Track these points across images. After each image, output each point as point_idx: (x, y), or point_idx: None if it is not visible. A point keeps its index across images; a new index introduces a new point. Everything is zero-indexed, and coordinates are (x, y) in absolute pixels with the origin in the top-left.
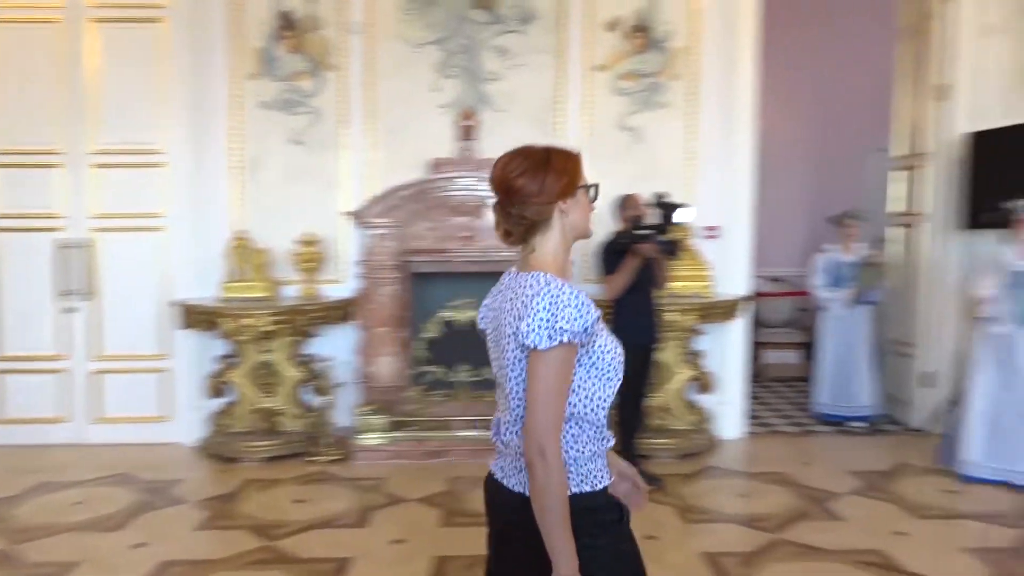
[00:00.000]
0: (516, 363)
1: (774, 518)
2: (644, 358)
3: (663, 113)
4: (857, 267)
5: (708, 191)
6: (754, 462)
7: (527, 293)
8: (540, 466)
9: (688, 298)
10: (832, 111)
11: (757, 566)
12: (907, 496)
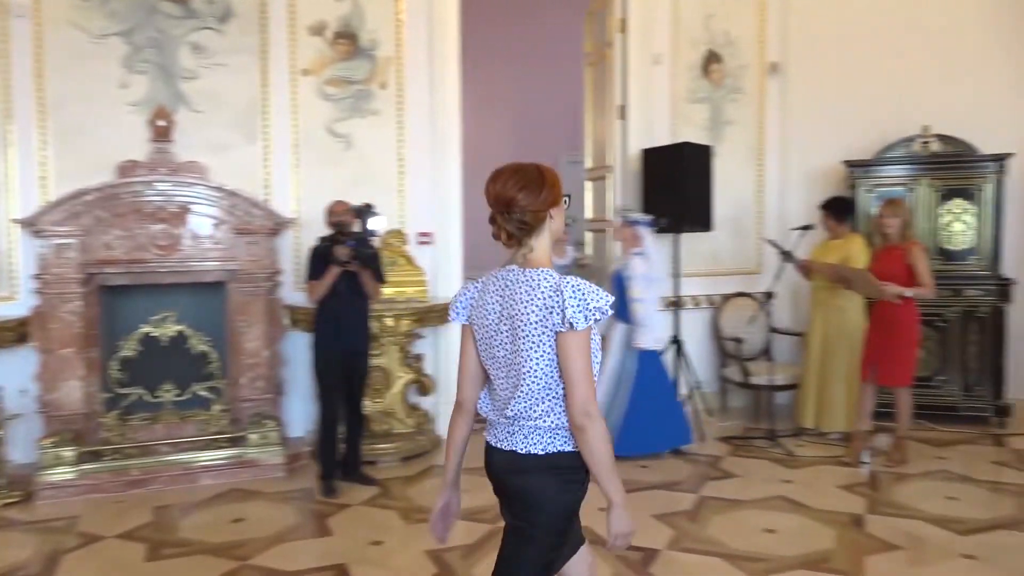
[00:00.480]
0: (538, 346)
1: (491, 509)
2: (353, 365)
3: (373, 120)
4: (566, 270)
5: (420, 197)
6: (473, 458)
7: (545, 286)
8: (590, 426)
9: (404, 303)
10: (531, 123)
11: (478, 556)
12: None
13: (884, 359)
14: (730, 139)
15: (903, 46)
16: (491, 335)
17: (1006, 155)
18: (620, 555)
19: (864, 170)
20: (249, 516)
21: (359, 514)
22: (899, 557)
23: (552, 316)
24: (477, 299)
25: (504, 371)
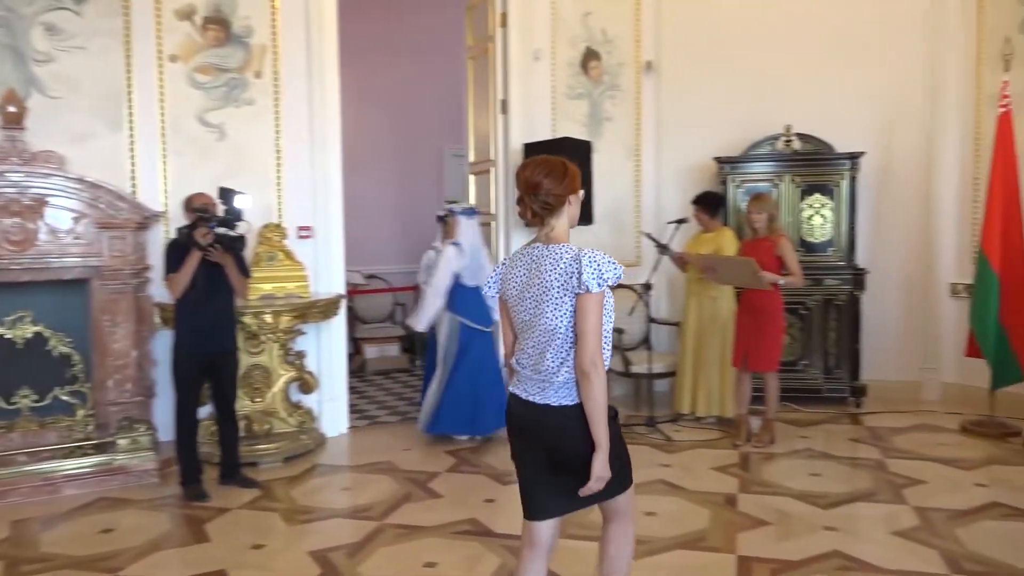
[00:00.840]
0: (560, 307)
1: (379, 506)
2: (218, 365)
3: (249, 110)
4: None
5: (299, 191)
6: (359, 455)
7: (567, 257)
8: (593, 374)
9: (284, 299)
10: (413, 116)
11: (364, 554)
12: (494, 465)
13: (753, 346)
14: (609, 135)
15: (767, 49)
16: (517, 303)
17: (859, 154)
18: (507, 545)
19: (733, 166)
20: (119, 526)
21: (239, 518)
22: (768, 532)
23: (571, 280)
24: (505, 274)
25: (529, 332)
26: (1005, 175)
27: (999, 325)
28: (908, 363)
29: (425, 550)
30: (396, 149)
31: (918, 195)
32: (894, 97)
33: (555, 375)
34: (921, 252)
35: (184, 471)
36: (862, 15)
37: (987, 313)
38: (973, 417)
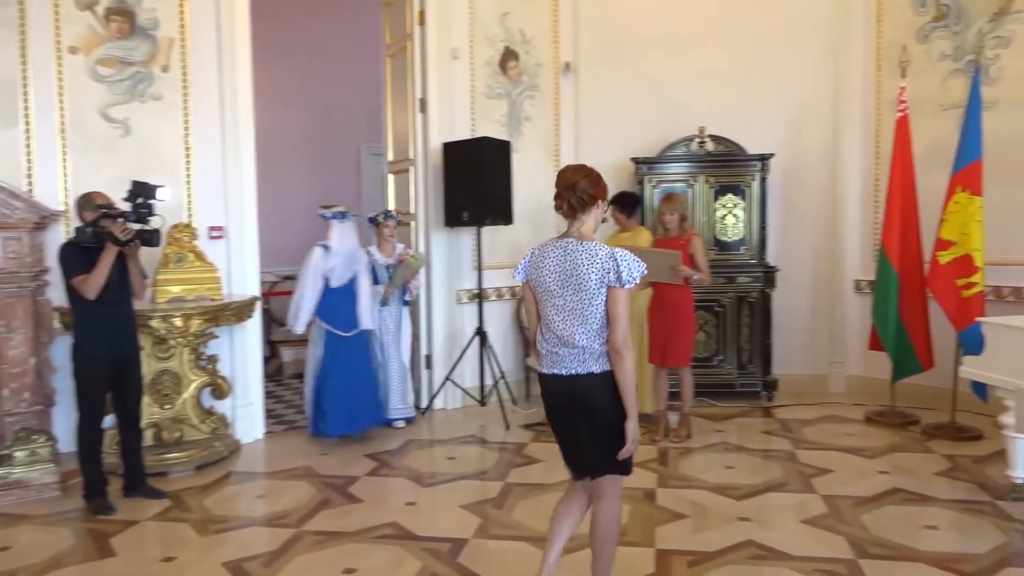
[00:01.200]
0: (597, 296)
1: (296, 512)
2: (123, 370)
3: (156, 106)
4: (393, 268)
5: (210, 189)
6: (276, 461)
7: (602, 254)
8: (625, 353)
9: (194, 302)
10: (330, 114)
11: (280, 563)
12: (415, 468)
13: (669, 342)
14: (528, 135)
15: (682, 52)
16: (553, 289)
17: (769, 155)
18: (428, 548)
19: (650, 167)
20: (17, 542)
21: (147, 530)
22: (686, 525)
23: (608, 275)
24: (535, 263)
25: (564, 314)
26: (903, 176)
27: (899, 320)
28: (817, 357)
29: (344, 556)
30: (313, 147)
31: (824, 195)
32: (801, 101)
33: (591, 349)
34: (828, 250)
35: (88, 483)
36: (771, 22)
37: (888, 308)
38: (876, 408)
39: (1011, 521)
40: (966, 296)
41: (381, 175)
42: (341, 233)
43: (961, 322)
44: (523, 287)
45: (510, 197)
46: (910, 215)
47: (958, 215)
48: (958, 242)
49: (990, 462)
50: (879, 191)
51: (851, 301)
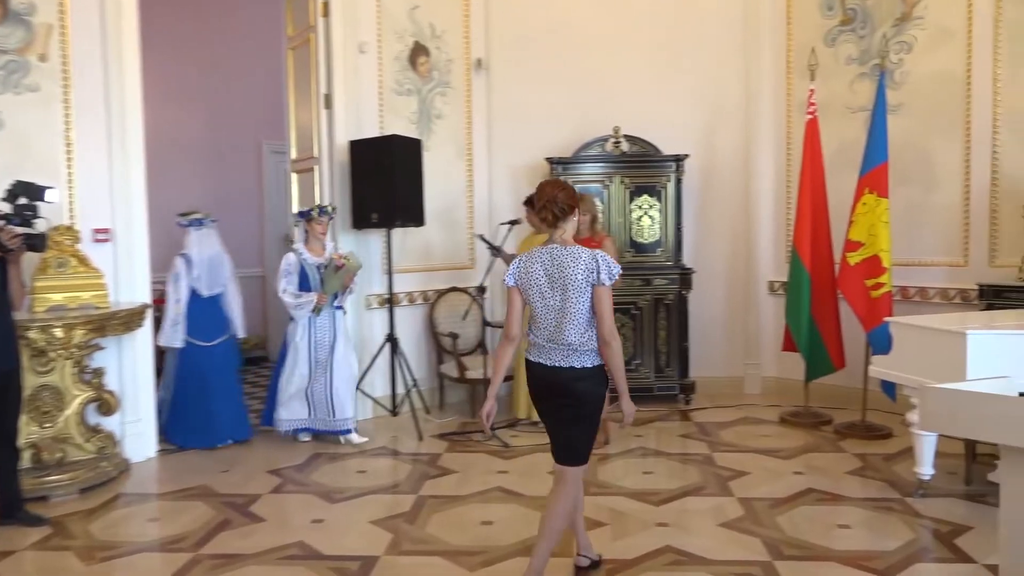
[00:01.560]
0: (584, 293)
1: (193, 535)
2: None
3: (33, 98)
4: (324, 270)
5: (95, 189)
6: (170, 480)
7: (585, 256)
8: (613, 342)
9: (77, 310)
10: (229, 109)
11: None
12: (323, 483)
13: None
14: (440, 133)
15: (597, 50)
16: (544, 291)
17: (683, 156)
18: (336, 567)
19: (565, 167)
20: None
21: (25, 560)
22: (605, 533)
23: (592, 275)
24: (524, 268)
25: (555, 313)
26: (813, 177)
27: (811, 320)
28: (733, 359)
29: None
30: (211, 144)
31: (738, 196)
32: (714, 102)
33: (579, 345)
34: (742, 251)
35: None
36: (684, 21)
37: (800, 309)
38: (790, 408)
39: (918, 517)
40: (874, 296)
41: (284, 174)
42: (199, 241)
43: (870, 322)
44: (510, 290)
45: (421, 197)
46: (820, 216)
47: (866, 216)
48: (866, 243)
49: (899, 460)
50: (791, 192)
51: (765, 302)
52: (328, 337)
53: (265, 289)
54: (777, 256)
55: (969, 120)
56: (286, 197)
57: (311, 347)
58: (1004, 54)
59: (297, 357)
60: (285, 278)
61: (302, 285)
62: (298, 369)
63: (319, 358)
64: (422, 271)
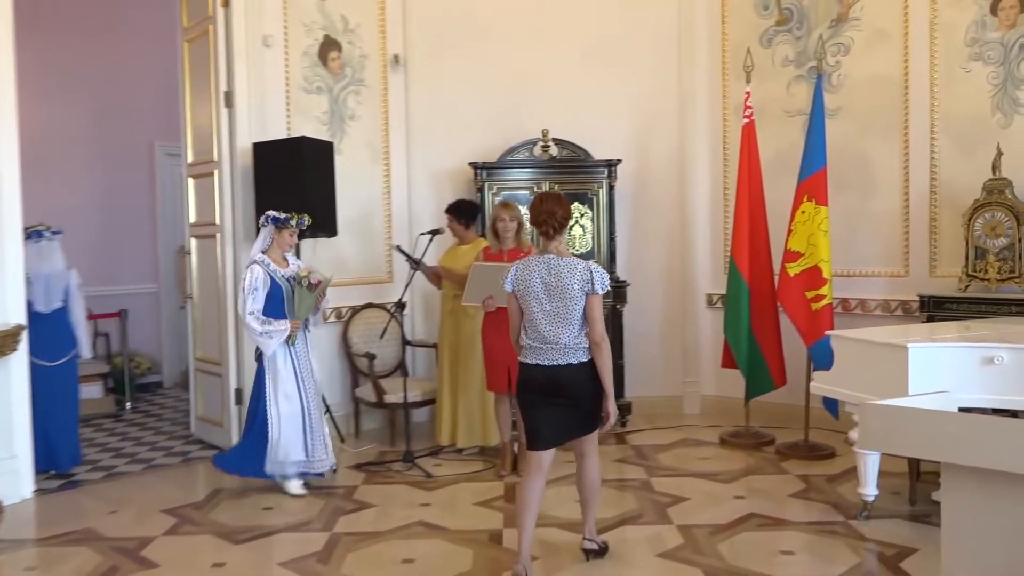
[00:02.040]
0: (579, 302)
1: None
2: None
3: None
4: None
5: None
6: (50, 523)
7: (580, 267)
8: (603, 345)
9: None
10: (118, 107)
11: None
12: (224, 522)
13: (513, 365)
14: (353, 135)
15: (524, 49)
16: (541, 297)
17: (615, 161)
18: None
19: (490, 172)
20: None
21: None
22: (535, 567)
23: (587, 284)
24: (522, 276)
25: (551, 318)
26: (751, 184)
27: (751, 334)
28: (670, 377)
29: None
30: (97, 146)
31: (674, 204)
32: (648, 105)
33: (575, 346)
34: (679, 262)
35: None
36: (617, 20)
37: (739, 323)
38: (731, 429)
39: (863, 541)
40: (815, 309)
41: (180, 179)
42: (38, 255)
43: (811, 336)
44: (509, 297)
45: (334, 205)
46: (759, 225)
47: (805, 225)
48: (806, 253)
49: (842, 480)
50: (728, 200)
51: (704, 316)
52: (307, 357)
53: (160, 307)
54: (715, 267)
55: (907, 125)
56: (182, 204)
57: (297, 372)
58: (941, 57)
59: (283, 387)
60: (251, 295)
61: (270, 304)
62: (290, 402)
63: (306, 383)
64: (335, 286)
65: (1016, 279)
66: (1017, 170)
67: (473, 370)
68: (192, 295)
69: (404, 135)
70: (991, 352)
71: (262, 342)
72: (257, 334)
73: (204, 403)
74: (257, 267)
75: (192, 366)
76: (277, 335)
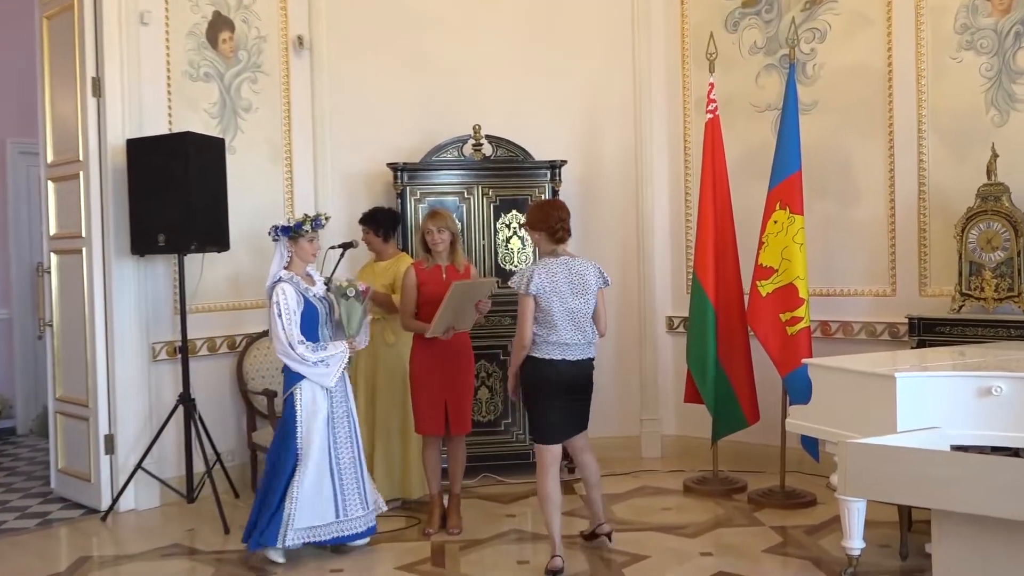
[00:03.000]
0: (594, 297)
1: None
2: None
3: None
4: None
5: None
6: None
7: (590, 264)
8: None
9: None
10: None
11: None
12: None
13: (454, 403)
14: (250, 131)
15: (454, 36)
16: (566, 297)
17: (560, 162)
18: None
19: (412, 175)
20: None
21: None
22: None
23: (599, 280)
24: (546, 280)
25: (574, 315)
26: (716, 189)
27: (718, 364)
28: (627, 414)
29: None
30: None
31: (628, 212)
32: (598, 98)
33: (593, 341)
34: (635, 280)
35: None
36: (563, 2)
37: (705, 351)
38: (696, 474)
39: None
40: (791, 333)
41: (37, 181)
42: None
43: (786, 365)
44: (526, 299)
45: (225, 214)
46: (725, 237)
47: (778, 237)
48: (780, 269)
49: (824, 532)
50: (691, 207)
51: (664, 342)
52: (343, 393)
53: (12, 336)
54: (677, 285)
55: (892, 121)
56: (39, 212)
57: (331, 413)
58: (928, 45)
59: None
60: (289, 319)
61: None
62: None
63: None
64: (228, 310)
65: (1015, 298)
66: (1014, 173)
67: (395, 409)
68: (52, 322)
69: (310, 131)
70: (988, 382)
71: (318, 373)
72: (311, 364)
73: (67, 453)
74: (287, 286)
75: (52, 408)
76: (336, 361)
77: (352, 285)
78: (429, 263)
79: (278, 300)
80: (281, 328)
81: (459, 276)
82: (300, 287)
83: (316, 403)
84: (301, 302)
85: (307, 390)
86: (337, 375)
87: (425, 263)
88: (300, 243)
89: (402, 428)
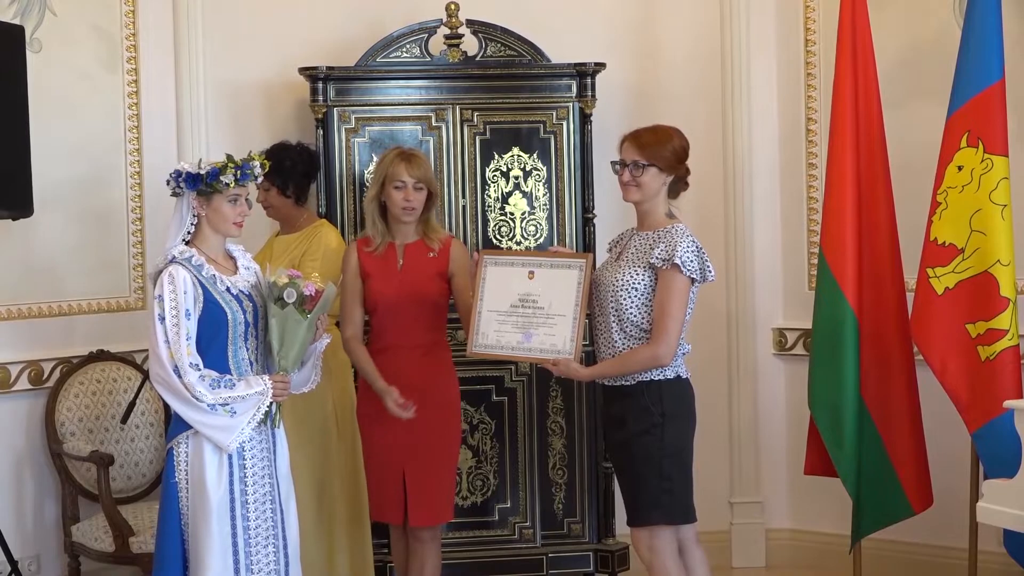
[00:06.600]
0: None
1: None
2: None
3: None
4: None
5: None
6: None
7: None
8: None
9: None
10: None
11: None
12: None
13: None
14: (66, 18)
15: None
16: None
17: (594, 66)
18: None
19: (343, 88)
20: None
21: None
22: None
23: None
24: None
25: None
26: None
27: (863, 409)
28: (706, 496)
29: None
30: None
31: (710, 153)
32: None
33: None
34: (720, 268)
35: None
36: None
37: (841, 386)
38: None
39: None
40: (986, 357)
41: None
42: None
43: (978, 409)
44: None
45: (27, 157)
46: (875, 194)
47: (965, 194)
48: (967, 248)
49: None
50: (816, 145)
51: (770, 372)
52: (267, 460)
53: None
54: (792, 278)
55: None
56: None
57: (239, 479)
58: None
59: (216, 519)
60: (176, 326)
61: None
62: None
63: (257, 498)
64: (30, 318)
65: None
66: None
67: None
68: None
69: (170, 18)
70: None
71: (215, 425)
72: (206, 409)
73: None
74: (181, 270)
75: None
76: (247, 409)
77: (292, 283)
78: (381, 241)
79: (162, 293)
80: (162, 341)
81: (426, 262)
82: (204, 274)
83: (211, 467)
84: (200, 298)
85: (196, 446)
86: (243, 435)
87: (375, 240)
88: (216, 202)
89: (349, 509)
